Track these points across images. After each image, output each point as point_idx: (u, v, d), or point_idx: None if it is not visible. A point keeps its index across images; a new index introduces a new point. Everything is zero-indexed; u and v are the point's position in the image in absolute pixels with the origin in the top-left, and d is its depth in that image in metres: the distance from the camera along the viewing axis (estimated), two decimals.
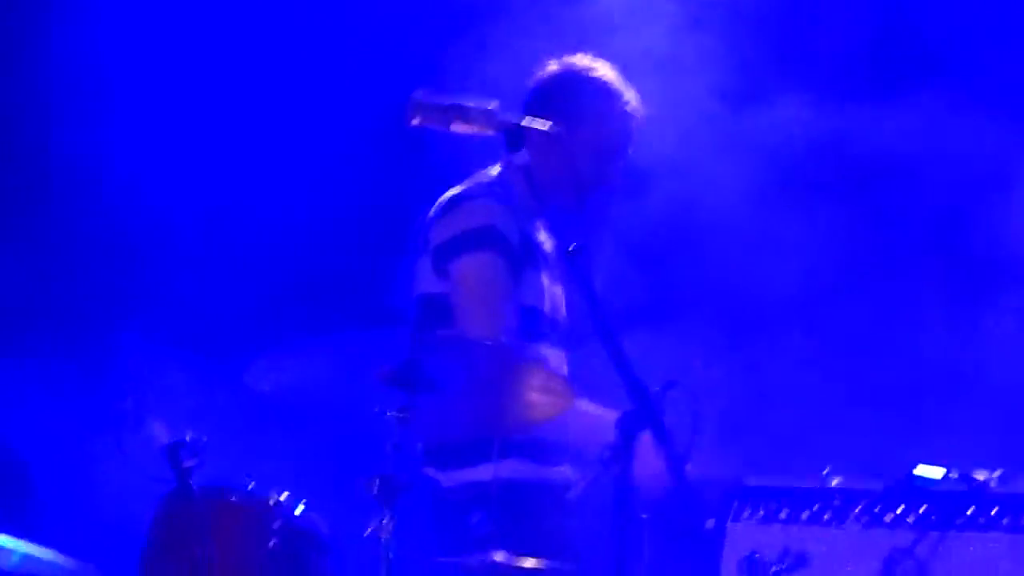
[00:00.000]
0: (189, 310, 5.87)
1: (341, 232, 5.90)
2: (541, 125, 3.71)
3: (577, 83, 4.54)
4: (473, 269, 4.32)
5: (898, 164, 6.04)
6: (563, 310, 4.60)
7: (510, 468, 4.14)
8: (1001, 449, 4.57)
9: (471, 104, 3.53)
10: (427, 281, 4.36)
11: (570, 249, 3.70)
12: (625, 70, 4.72)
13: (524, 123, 3.63)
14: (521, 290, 4.39)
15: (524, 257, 4.38)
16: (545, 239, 4.49)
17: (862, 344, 5.65)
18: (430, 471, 4.25)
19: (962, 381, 5.26)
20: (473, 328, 4.23)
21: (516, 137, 3.61)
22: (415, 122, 3.49)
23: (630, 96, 4.53)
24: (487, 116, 3.56)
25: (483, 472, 4.16)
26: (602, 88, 4.54)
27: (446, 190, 4.44)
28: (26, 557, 4.60)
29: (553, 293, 4.52)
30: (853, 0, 6.08)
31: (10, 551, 4.51)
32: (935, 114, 5.63)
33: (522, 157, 3.73)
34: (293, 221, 6.02)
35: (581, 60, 4.57)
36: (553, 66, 4.55)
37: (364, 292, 5.49)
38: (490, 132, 3.57)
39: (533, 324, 4.38)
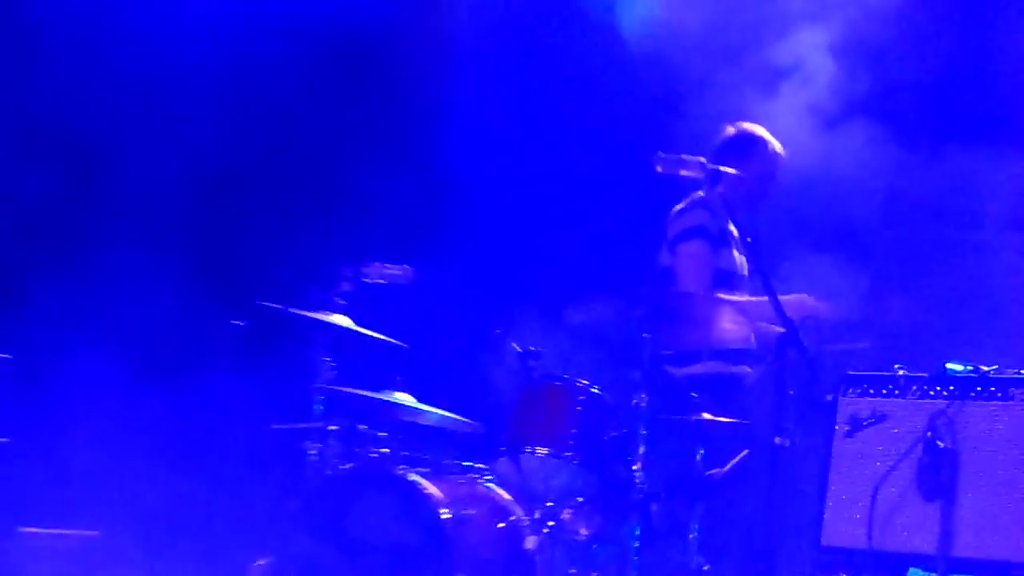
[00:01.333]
0: (538, 274, 6.98)
1: (616, 230, 7.03)
2: (729, 170, 5.60)
3: (747, 142, 6.38)
4: (688, 252, 6.22)
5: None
6: (745, 271, 6.38)
7: (713, 367, 6.09)
8: (998, 351, 5.40)
9: (690, 158, 5.23)
10: (665, 258, 6.32)
11: (748, 239, 5.72)
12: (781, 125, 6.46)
13: (725, 170, 5.52)
14: (720, 260, 6.27)
15: (721, 241, 6.27)
16: (734, 231, 6.27)
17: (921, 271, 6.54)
18: (669, 368, 5.99)
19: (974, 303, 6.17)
20: (687, 286, 6.17)
21: (716, 177, 5.45)
22: (659, 169, 5.16)
23: (778, 148, 6.39)
24: (700, 166, 5.24)
25: (697, 369, 6.09)
26: (761, 145, 6.39)
27: (671, 204, 6.36)
28: (440, 417, 6.05)
29: (740, 262, 6.36)
30: None
31: (429, 413, 5.97)
32: None
33: (719, 187, 5.63)
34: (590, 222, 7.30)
35: (748, 126, 6.44)
36: (731, 130, 6.42)
37: (627, 265, 6.77)
38: (701, 176, 5.31)
39: (729, 280, 6.26)
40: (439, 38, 7.91)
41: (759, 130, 6.41)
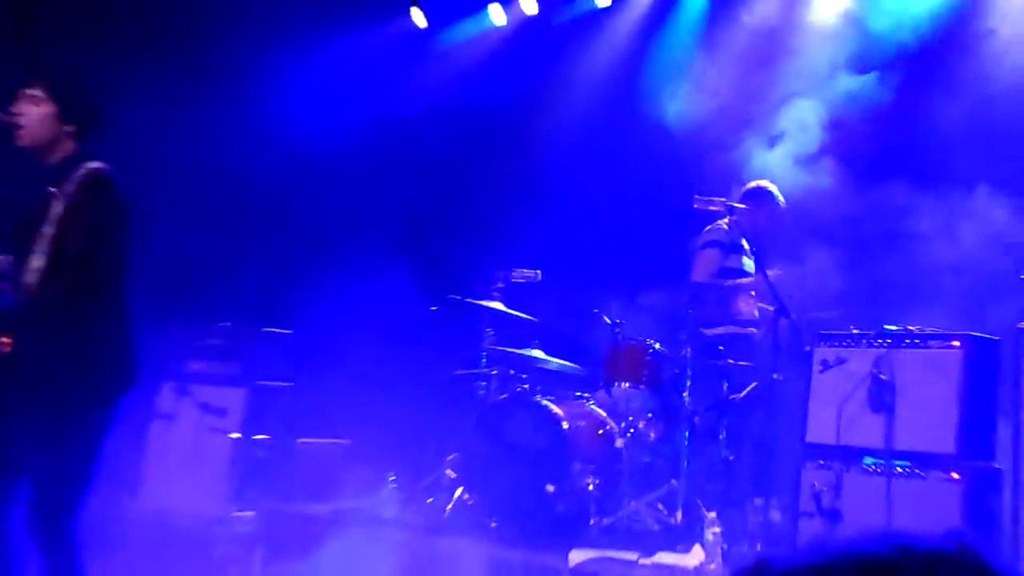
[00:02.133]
0: (620, 274, 6.78)
1: (670, 245, 6.72)
2: (740, 206, 5.81)
3: (762, 192, 6.38)
4: (704, 255, 6.30)
5: None
6: (752, 270, 6.27)
7: (732, 329, 6.23)
8: (920, 317, 5.38)
9: (716, 199, 5.63)
10: (694, 260, 6.36)
11: (753, 250, 6.01)
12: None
13: (737, 206, 5.75)
14: (731, 262, 6.30)
15: (732, 250, 6.29)
16: (745, 245, 6.25)
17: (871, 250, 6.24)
18: (703, 330, 6.11)
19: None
20: (697, 277, 6.25)
21: (733, 211, 5.73)
22: (696, 206, 5.58)
23: (780, 198, 6.39)
24: (722, 203, 5.63)
25: (721, 331, 6.21)
26: (770, 195, 6.39)
27: (704, 226, 6.39)
28: (560, 365, 6.46)
29: (749, 265, 6.29)
30: None
31: (553, 362, 6.39)
32: None
33: (734, 217, 5.81)
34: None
35: (763, 183, 6.43)
36: (752, 184, 6.43)
37: (677, 267, 6.54)
38: (723, 209, 5.69)
39: (740, 275, 6.30)
40: (547, 122, 8.00)
41: (770, 185, 6.41)
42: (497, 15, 8.51)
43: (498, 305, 6.29)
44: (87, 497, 3.71)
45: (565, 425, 5.74)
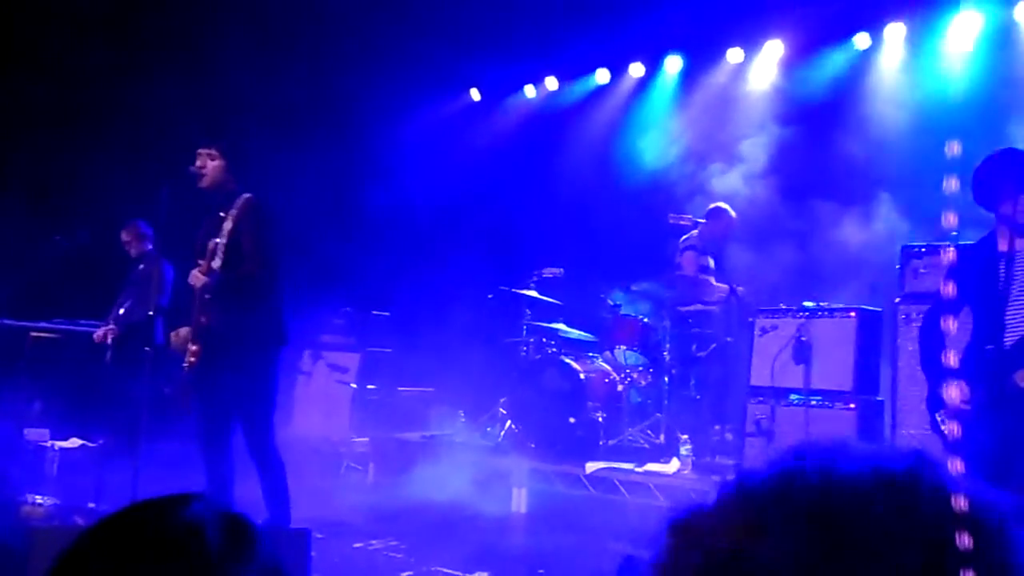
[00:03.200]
0: (620, 270, 6.31)
1: (656, 249, 6.38)
2: (701, 220, 5.90)
3: (719, 211, 6.07)
4: (686, 257, 6.06)
5: None
6: (714, 267, 6.10)
7: (699, 307, 5.90)
8: (828, 294, 5.32)
9: (686, 216, 5.75)
10: (678, 259, 6.08)
11: (713, 252, 5.85)
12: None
13: (700, 220, 5.85)
14: (701, 261, 6.00)
15: (702, 252, 6.04)
16: (708, 249, 6.05)
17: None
18: (679, 307, 5.88)
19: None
20: (686, 272, 5.96)
21: (697, 224, 5.84)
22: (671, 221, 5.72)
23: (733, 214, 6.08)
24: (691, 219, 5.82)
25: (691, 308, 5.89)
26: (726, 213, 6.08)
27: (679, 236, 6.10)
28: (579, 334, 6.25)
29: (711, 264, 6.09)
30: None
31: (573, 332, 6.29)
32: None
33: (701, 229, 5.92)
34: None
35: (721, 204, 6.12)
36: (712, 205, 6.11)
37: (660, 264, 6.22)
38: (691, 224, 5.83)
39: (706, 271, 6.02)
40: (565, 163, 7.79)
41: (725, 205, 6.14)
42: (529, 91, 8.53)
43: (533, 293, 6.21)
44: (272, 418, 3.76)
45: (582, 376, 5.71)
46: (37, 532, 2.61)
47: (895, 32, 6.60)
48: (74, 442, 5.16)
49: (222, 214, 3.75)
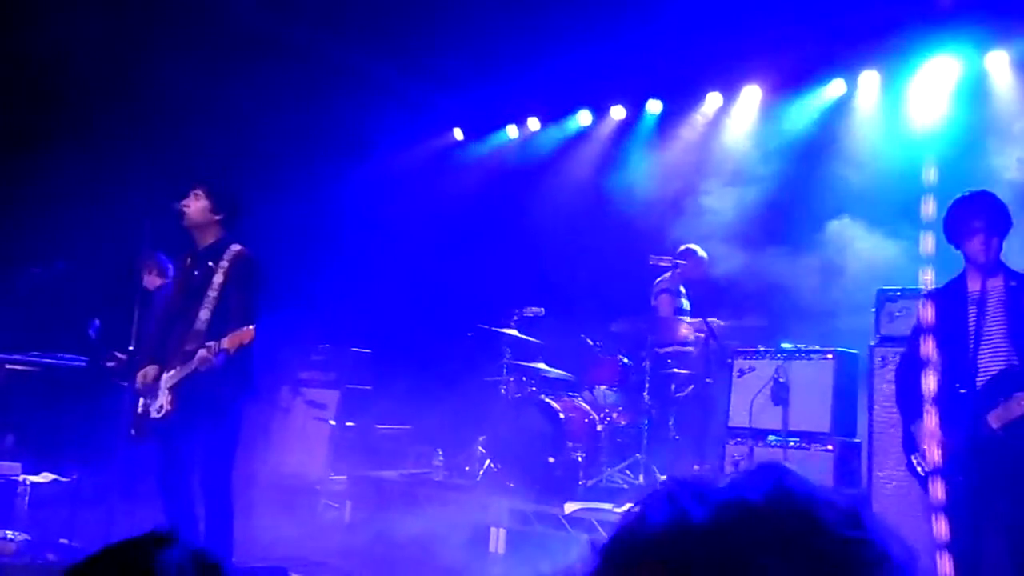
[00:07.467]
0: (599, 310, 6.27)
1: (634, 289, 6.31)
2: (681, 262, 5.82)
3: (692, 252, 6.07)
4: (661, 299, 6.08)
5: None
6: (688, 307, 6.04)
7: (676, 348, 5.84)
8: (804, 337, 5.24)
9: (664, 258, 5.67)
10: (654, 301, 6.12)
11: (689, 293, 5.77)
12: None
13: (678, 262, 5.78)
14: (677, 302, 6.02)
15: (677, 294, 6.08)
16: (683, 289, 6.09)
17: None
18: (657, 349, 5.74)
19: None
20: (663, 313, 5.98)
21: (676, 266, 5.79)
22: (651, 262, 5.67)
23: (704, 256, 6.11)
24: (670, 261, 5.66)
25: (669, 349, 5.84)
26: (698, 255, 6.10)
27: (656, 277, 6.04)
28: (558, 373, 6.25)
29: (687, 305, 6.07)
30: None
31: (553, 371, 6.18)
32: None
33: (677, 270, 5.87)
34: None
35: (693, 246, 6.12)
36: (684, 247, 6.07)
37: (639, 306, 6.11)
38: (669, 265, 5.76)
39: (682, 313, 6.02)
40: (545, 204, 7.68)
41: (697, 247, 6.16)
42: (512, 131, 8.51)
43: (514, 332, 6.18)
44: (234, 462, 3.83)
45: (561, 415, 5.67)
46: (7, 569, 2.70)
47: (869, 79, 6.64)
48: (46, 476, 5.08)
49: (211, 263, 3.75)
